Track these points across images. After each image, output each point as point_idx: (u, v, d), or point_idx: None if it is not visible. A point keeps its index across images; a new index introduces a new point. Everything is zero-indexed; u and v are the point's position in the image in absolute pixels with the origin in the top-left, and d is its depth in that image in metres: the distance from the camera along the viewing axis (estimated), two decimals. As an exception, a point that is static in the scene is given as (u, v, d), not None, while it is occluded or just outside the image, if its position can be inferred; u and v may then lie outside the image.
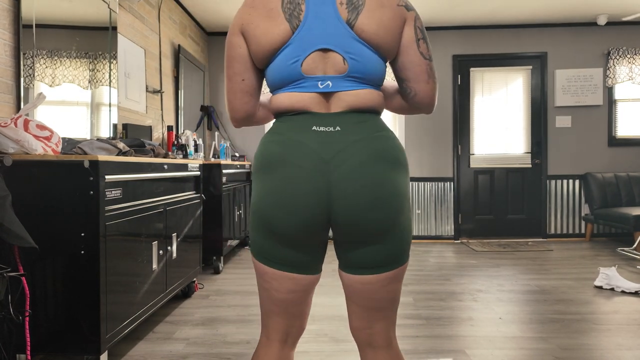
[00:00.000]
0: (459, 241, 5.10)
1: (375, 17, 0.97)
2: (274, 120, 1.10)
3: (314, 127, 0.98)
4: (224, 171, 3.76)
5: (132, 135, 3.07)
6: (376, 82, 1.03)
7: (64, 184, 1.76)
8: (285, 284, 1.05)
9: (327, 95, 1.00)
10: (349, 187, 0.95)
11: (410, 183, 5.14)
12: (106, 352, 1.87)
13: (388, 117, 5.17)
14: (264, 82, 1.20)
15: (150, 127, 3.44)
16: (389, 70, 4.27)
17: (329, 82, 0.99)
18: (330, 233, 2.49)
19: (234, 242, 4.16)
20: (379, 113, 1.05)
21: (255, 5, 1.00)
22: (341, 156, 0.95)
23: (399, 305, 1.06)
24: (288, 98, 1.01)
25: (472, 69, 5.14)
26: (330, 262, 4.04)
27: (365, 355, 1.09)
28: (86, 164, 1.76)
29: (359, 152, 0.96)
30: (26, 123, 1.83)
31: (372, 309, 1.05)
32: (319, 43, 0.97)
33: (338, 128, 0.98)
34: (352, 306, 1.09)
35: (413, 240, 5.13)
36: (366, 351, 1.09)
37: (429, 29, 5.09)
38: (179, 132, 4.18)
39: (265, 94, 1.19)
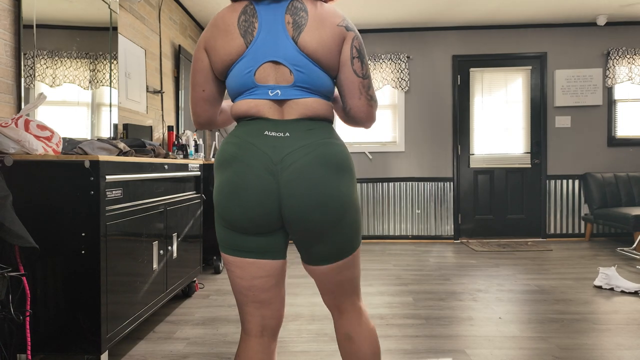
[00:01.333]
0: (458, 241, 5.11)
1: (316, 35, 1.08)
2: (233, 119, 1.21)
3: (266, 132, 1.08)
4: (224, 171, 3.76)
5: (132, 136, 3.07)
6: (324, 93, 1.13)
7: (64, 184, 1.77)
8: (248, 270, 1.13)
9: (280, 103, 1.10)
10: (295, 188, 1.04)
11: (411, 183, 5.15)
12: (107, 351, 1.87)
13: (389, 119, 5.18)
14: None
15: (151, 127, 3.44)
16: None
17: (278, 90, 1.09)
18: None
19: (234, 242, 4.16)
20: (328, 121, 1.14)
21: (217, 24, 1.12)
22: (288, 159, 1.05)
23: (360, 278, 1.23)
24: (245, 104, 1.11)
25: (472, 69, 5.15)
26: (330, 262, 4.04)
27: (335, 318, 1.25)
28: (87, 164, 1.76)
29: (305, 156, 1.05)
30: (27, 123, 1.84)
31: (334, 289, 1.19)
32: (269, 56, 1.08)
33: (287, 134, 1.07)
34: (319, 287, 1.22)
35: (413, 240, 5.14)
36: (336, 315, 1.24)
37: (429, 29, 5.10)
38: (180, 132, 4.19)
39: (227, 100, 1.31)
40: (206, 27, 1.22)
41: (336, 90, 1.27)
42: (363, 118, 1.17)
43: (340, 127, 5.21)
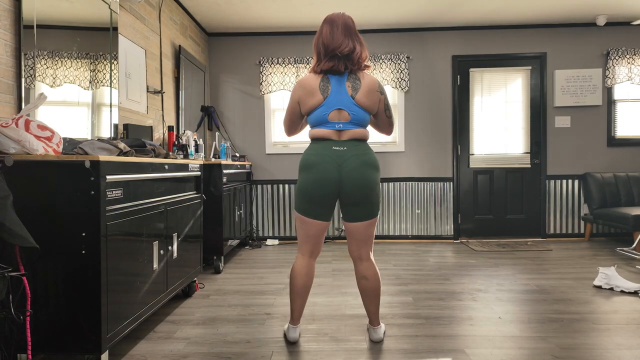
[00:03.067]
0: (458, 241, 5.11)
1: (365, 95, 2.03)
2: (309, 138, 2.12)
3: (333, 147, 2.02)
4: (224, 171, 3.77)
5: (132, 136, 3.07)
6: (364, 125, 2.09)
7: (65, 184, 1.77)
8: (313, 226, 2.10)
9: (339, 131, 2.05)
10: (349, 177, 2.00)
11: (411, 183, 5.16)
12: (107, 351, 1.88)
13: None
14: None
15: (151, 127, 3.45)
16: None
17: (341, 124, 2.03)
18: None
19: (235, 242, 4.17)
20: (365, 140, 2.10)
21: (304, 87, 2.05)
22: (346, 162, 2.01)
23: (373, 243, 1.96)
24: (320, 131, 2.05)
25: (471, 69, 5.15)
26: (330, 262, 4.05)
27: (356, 265, 2.17)
28: (87, 164, 1.76)
29: (354, 161, 2.02)
30: (27, 123, 1.84)
31: (359, 241, 2.12)
32: (337, 105, 2.03)
33: (345, 148, 2.02)
34: (350, 240, 2.15)
35: (413, 240, 5.15)
36: (357, 262, 2.16)
37: (429, 29, 5.11)
38: (180, 133, 4.19)
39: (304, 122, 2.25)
40: (295, 86, 2.08)
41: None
42: (389, 132, 2.23)
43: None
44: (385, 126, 2.16)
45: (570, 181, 5.13)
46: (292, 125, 2.14)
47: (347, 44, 1.99)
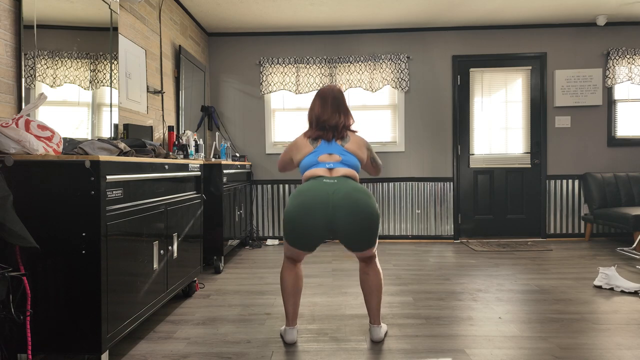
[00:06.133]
0: (458, 241, 5.11)
1: (354, 145, 2.27)
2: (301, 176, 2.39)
3: (324, 180, 2.11)
4: (224, 171, 3.77)
5: (133, 136, 3.07)
6: (355, 168, 2.24)
7: (65, 184, 1.77)
8: (298, 254, 2.20)
9: (330, 169, 2.19)
10: (342, 203, 2.04)
11: (411, 183, 5.16)
12: (107, 351, 1.88)
13: (388, 119, 5.18)
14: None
15: (151, 127, 3.45)
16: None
17: (331, 164, 2.19)
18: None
19: (235, 242, 4.17)
20: (356, 179, 2.22)
21: (297, 146, 2.30)
22: (337, 190, 2.06)
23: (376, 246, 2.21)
24: (312, 171, 2.20)
25: (471, 69, 5.15)
26: (330, 261, 4.04)
27: (361, 265, 2.26)
28: (87, 164, 1.76)
29: (345, 187, 2.07)
30: (27, 123, 1.84)
31: (363, 255, 2.20)
32: (327, 151, 2.23)
33: (336, 181, 2.10)
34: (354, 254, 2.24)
35: (413, 240, 5.15)
36: (362, 264, 2.26)
37: (429, 29, 5.11)
38: (180, 133, 4.19)
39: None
40: (289, 146, 2.35)
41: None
42: (377, 174, 2.44)
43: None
44: (373, 171, 2.43)
45: (570, 181, 5.13)
46: (285, 168, 2.44)
47: (334, 118, 2.28)
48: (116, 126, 2.97)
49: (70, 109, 2.49)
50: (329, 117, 2.28)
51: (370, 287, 2.23)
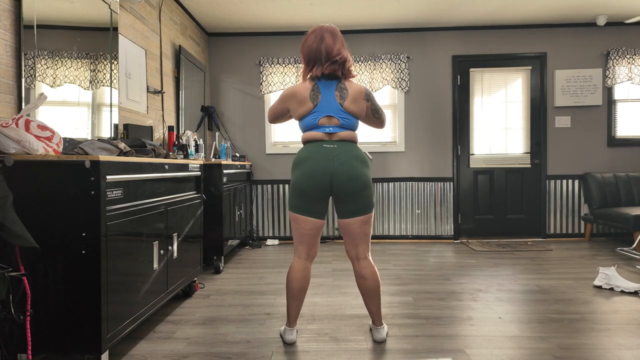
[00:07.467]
0: (458, 241, 5.11)
1: (352, 103, 2.16)
2: (302, 142, 2.24)
3: (324, 145, 2.13)
4: (224, 171, 3.77)
5: (133, 136, 3.07)
6: (353, 128, 2.21)
7: (65, 184, 1.77)
8: (307, 224, 2.16)
9: (330, 134, 2.17)
10: (340, 170, 2.08)
11: (411, 183, 5.16)
12: (107, 351, 1.88)
13: (388, 119, 5.17)
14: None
15: (151, 127, 3.45)
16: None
17: (331, 128, 2.16)
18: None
19: (235, 242, 4.17)
20: (355, 141, 2.21)
21: (296, 96, 2.19)
22: (337, 156, 2.10)
23: (370, 243, 2.02)
24: (312, 134, 2.17)
25: (471, 69, 5.15)
26: (330, 262, 4.04)
27: (354, 265, 2.22)
28: (87, 164, 1.76)
29: (344, 155, 2.11)
30: (27, 123, 1.84)
31: (355, 240, 2.17)
32: (326, 112, 2.16)
33: (335, 146, 2.13)
34: (346, 239, 2.20)
35: (413, 240, 5.15)
36: (354, 262, 2.21)
37: (429, 29, 5.11)
38: (180, 133, 4.19)
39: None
40: (286, 93, 2.21)
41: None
42: (381, 126, 2.35)
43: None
44: (375, 123, 2.31)
45: (570, 181, 5.13)
46: (276, 119, 2.33)
47: (343, 53, 2.18)
48: (116, 126, 2.97)
49: (70, 109, 2.49)
50: (339, 51, 2.15)
51: (369, 291, 2.19)
